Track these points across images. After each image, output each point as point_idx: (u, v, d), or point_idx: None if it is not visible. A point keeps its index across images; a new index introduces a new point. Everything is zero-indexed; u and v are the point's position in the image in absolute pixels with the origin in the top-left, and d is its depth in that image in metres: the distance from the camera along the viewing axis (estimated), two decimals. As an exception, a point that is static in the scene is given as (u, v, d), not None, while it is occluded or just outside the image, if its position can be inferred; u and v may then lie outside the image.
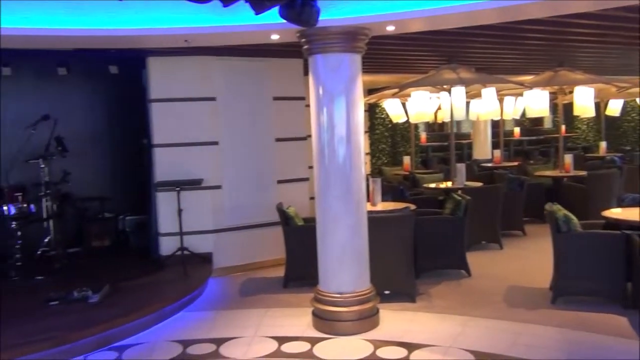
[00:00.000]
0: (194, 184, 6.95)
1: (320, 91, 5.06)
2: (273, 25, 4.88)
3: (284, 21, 4.14)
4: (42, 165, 6.92)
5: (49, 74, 7.47)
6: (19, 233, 6.67)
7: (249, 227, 7.37)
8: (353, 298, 5.16)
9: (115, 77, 7.40)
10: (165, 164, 7.04)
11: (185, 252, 6.86)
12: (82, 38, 5.82)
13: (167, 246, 7.05)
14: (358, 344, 4.93)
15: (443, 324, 5.32)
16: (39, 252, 7.13)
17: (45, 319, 5.25)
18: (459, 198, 7.00)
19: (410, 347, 4.79)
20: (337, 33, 4.85)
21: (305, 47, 5.08)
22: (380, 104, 13.08)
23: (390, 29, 5.13)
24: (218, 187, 7.23)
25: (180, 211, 6.78)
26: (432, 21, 5.12)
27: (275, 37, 5.36)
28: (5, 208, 6.66)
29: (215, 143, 7.19)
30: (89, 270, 6.95)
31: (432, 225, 6.69)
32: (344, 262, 5.17)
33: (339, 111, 5.03)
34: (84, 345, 4.88)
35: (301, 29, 4.86)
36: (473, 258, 7.07)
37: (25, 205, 6.78)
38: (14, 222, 6.64)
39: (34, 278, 6.55)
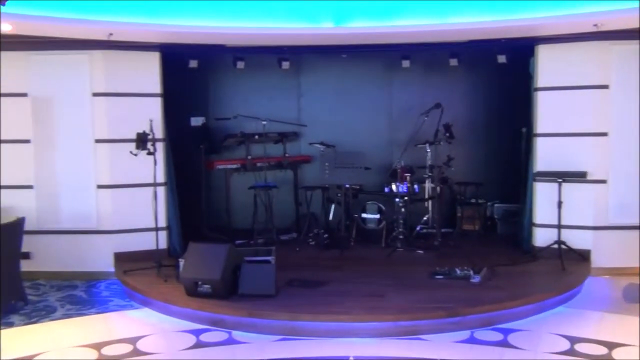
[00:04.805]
0: (577, 176, 6.62)
1: None
2: None
3: None
4: (428, 150, 7.55)
5: (439, 65, 8.06)
6: (403, 210, 7.41)
7: (636, 227, 6.68)
8: None
9: (500, 66, 7.54)
10: (547, 154, 6.87)
11: (562, 247, 6.62)
12: (475, 30, 6.11)
13: (542, 238, 6.91)
14: None
15: None
16: (418, 229, 7.82)
17: (434, 290, 5.73)
18: None
19: None
20: None
21: None
22: None
23: None
24: (602, 181, 6.73)
25: (560, 203, 6.57)
26: None
27: None
28: (393, 187, 7.50)
29: (604, 134, 6.69)
30: (462, 251, 7.29)
31: None
32: None
33: None
34: (471, 321, 5.17)
35: None
36: None
37: (411, 185, 7.50)
38: (399, 199, 7.39)
39: (415, 251, 7.21)
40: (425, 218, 7.92)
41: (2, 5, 3.38)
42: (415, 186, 7.61)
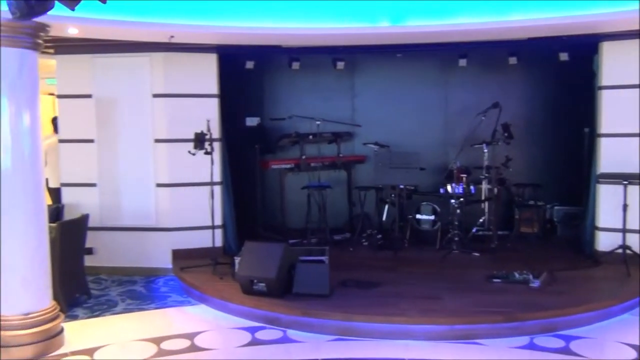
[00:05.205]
0: (644, 179, 6.36)
1: None
2: None
3: None
4: (485, 150, 7.39)
5: (497, 63, 7.89)
6: (458, 211, 7.26)
7: None
8: None
9: (562, 64, 7.32)
10: (611, 155, 6.60)
11: (627, 251, 6.35)
12: (536, 27, 5.93)
13: (605, 242, 6.64)
14: None
15: None
16: (474, 231, 7.66)
17: (491, 294, 5.61)
18: None
19: None
20: None
21: None
22: None
23: None
24: (670, 183, 6.43)
25: (625, 206, 6.31)
26: None
27: None
28: (449, 188, 7.38)
29: (670, 134, 6.40)
30: (520, 254, 7.12)
31: None
32: None
33: None
34: (530, 327, 5.02)
35: None
36: None
37: (467, 186, 7.36)
38: (455, 201, 7.26)
39: (470, 253, 7.07)
40: (481, 220, 7.76)
41: (71, 10, 3.50)
42: (472, 187, 7.46)
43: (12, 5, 3.32)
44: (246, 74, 7.85)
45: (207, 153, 6.45)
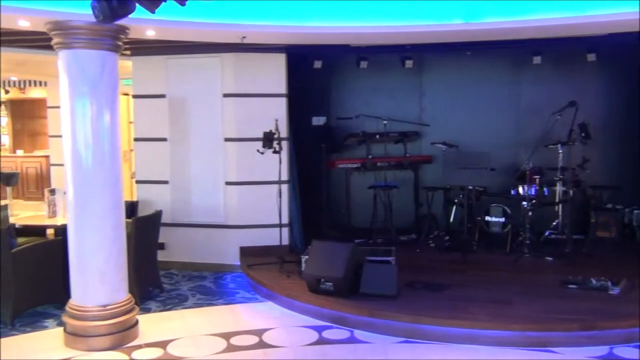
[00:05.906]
0: None
1: None
2: None
3: None
4: (560, 151, 7.11)
5: (573, 60, 7.57)
6: (530, 213, 7.01)
7: None
8: None
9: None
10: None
11: None
12: (616, 23, 5.63)
13: (692, 249, 6.27)
14: None
15: None
16: (547, 234, 7.39)
17: (566, 300, 5.39)
18: None
19: None
20: None
21: None
22: None
23: None
24: None
25: None
26: None
27: None
28: (520, 189, 7.15)
29: None
30: (596, 259, 6.82)
31: None
32: None
33: None
34: (610, 336, 4.79)
35: None
36: None
37: (540, 187, 7.10)
38: (527, 203, 7.01)
39: (543, 258, 6.83)
40: (554, 223, 7.48)
41: (151, 13, 3.61)
42: (545, 189, 7.20)
43: (96, 8, 3.45)
44: (314, 73, 7.89)
45: (275, 152, 6.52)
